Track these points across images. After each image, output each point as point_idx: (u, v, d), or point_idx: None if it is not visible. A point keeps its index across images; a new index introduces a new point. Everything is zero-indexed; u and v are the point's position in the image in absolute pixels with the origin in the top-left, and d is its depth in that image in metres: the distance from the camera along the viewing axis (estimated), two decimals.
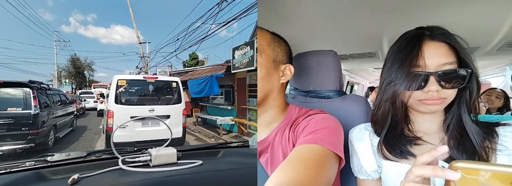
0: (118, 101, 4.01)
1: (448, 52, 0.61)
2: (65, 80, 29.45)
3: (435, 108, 0.62)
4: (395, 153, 0.66)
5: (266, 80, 0.72)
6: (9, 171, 0.80)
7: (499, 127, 0.63)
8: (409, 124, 0.71)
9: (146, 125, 4.17)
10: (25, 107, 3.91)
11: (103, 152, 0.97)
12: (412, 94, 0.63)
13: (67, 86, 28.94)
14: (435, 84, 0.60)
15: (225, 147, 1.18)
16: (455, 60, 0.61)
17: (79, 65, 32.14)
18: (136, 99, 4.26)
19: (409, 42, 0.65)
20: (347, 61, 1.93)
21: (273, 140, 0.75)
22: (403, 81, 0.63)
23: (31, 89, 4.05)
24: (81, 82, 33.21)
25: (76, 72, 31.79)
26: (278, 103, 0.77)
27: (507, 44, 1.35)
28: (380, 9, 0.97)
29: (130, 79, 4.24)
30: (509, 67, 2.56)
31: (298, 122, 0.74)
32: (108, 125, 3.94)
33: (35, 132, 3.93)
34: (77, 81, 32.52)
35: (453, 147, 0.62)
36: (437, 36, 0.63)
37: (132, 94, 4.28)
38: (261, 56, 0.72)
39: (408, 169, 0.64)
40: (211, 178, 0.80)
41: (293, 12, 1.03)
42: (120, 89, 4.08)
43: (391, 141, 0.68)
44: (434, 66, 0.61)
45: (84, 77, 33.67)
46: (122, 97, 4.10)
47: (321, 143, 0.61)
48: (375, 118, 0.73)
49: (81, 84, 33.13)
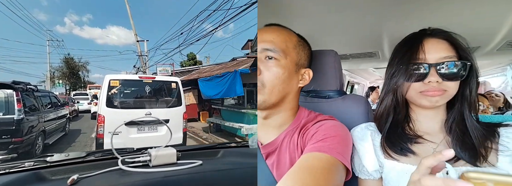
0: (110, 104, 3.51)
1: (448, 48, 0.64)
2: (59, 81, 28.17)
3: (436, 100, 0.63)
4: (395, 150, 0.66)
5: (286, 82, 0.70)
6: (9, 171, 0.80)
7: (501, 128, 0.63)
8: (411, 123, 0.71)
9: (142, 131, 3.70)
10: (7, 111, 3.40)
11: (102, 153, 0.97)
12: (413, 85, 0.65)
13: (60, 87, 27.95)
14: (436, 75, 0.62)
15: (224, 147, 1.18)
16: (455, 55, 0.64)
17: (73, 65, 31.00)
18: (130, 102, 3.78)
19: (411, 39, 0.69)
20: (347, 61, 1.92)
21: (281, 143, 0.74)
22: (404, 73, 0.65)
23: (15, 90, 3.56)
24: (75, 83, 32.19)
25: (70, 73, 30.65)
26: (291, 106, 0.76)
27: (507, 44, 1.35)
28: (380, 9, 0.97)
29: (124, 79, 3.76)
30: (509, 67, 2.56)
31: (308, 128, 0.72)
32: (98, 132, 3.40)
33: (18, 140, 3.41)
34: (71, 82, 31.44)
35: (456, 145, 0.63)
36: (437, 34, 0.67)
37: (126, 96, 3.80)
38: (286, 58, 0.70)
39: (409, 169, 0.64)
40: (210, 178, 0.80)
41: (293, 12, 1.03)
42: (113, 91, 3.59)
43: (393, 138, 0.68)
44: (434, 59, 0.63)
45: (78, 78, 32.64)
46: (115, 100, 3.60)
47: (329, 152, 0.60)
48: (378, 113, 0.73)
49: (75, 85, 32.04)
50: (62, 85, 28.73)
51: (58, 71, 30.15)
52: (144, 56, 13.18)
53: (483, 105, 2.02)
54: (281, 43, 0.70)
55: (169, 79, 4.23)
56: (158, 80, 4.06)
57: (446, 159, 0.37)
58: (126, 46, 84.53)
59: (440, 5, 0.91)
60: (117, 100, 3.64)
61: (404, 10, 0.96)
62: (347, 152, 0.64)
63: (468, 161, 0.60)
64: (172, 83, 4.13)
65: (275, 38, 0.71)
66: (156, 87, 4.00)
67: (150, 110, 3.74)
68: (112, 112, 3.48)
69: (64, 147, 5.14)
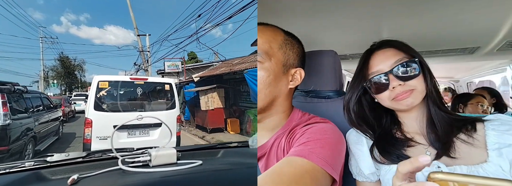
0: (98, 107, 3.29)
1: (395, 53, 0.69)
2: (53, 81, 26.68)
3: (409, 101, 0.66)
4: (386, 156, 0.67)
5: (273, 85, 0.67)
6: (9, 171, 0.80)
7: (486, 122, 0.64)
8: (399, 127, 0.73)
9: (132, 135, 3.48)
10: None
11: (102, 153, 0.97)
12: (383, 95, 0.69)
13: (55, 88, 26.70)
14: (395, 80, 0.66)
15: (224, 147, 1.18)
16: (404, 56, 0.68)
17: (68, 65, 29.60)
18: (121, 105, 3.51)
19: (362, 58, 0.74)
20: (347, 61, 1.93)
21: (270, 147, 0.72)
22: (366, 88, 0.71)
23: (1, 92, 3.15)
24: (71, 83, 30.92)
25: (65, 72, 29.25)
26: (283, 109, 0.72)
27: (507, 44, 1.35)
28: (380, 9, 0.97)
29: (113, 81, 3.50)
30: (509, 67, 2.55)
31: (295, 131, 0.69)
32: (85, 137, 3.16)
33: (4, 149, 3.01)
34: (67, 82, 30.05)
35: (430, 139, 0.66)
36: (382, 45, 0.72)
37: (116, 98, 3.53)
38: (269, 60, 0.66)
39: None
40: (210, 178, 0.80)
41: (293, 12, 1.03)
42: (101, 93, 3.36)
43: (385, 146, 0.69)
44: (388, 66, 0.68)
45: (75, 78, 31.24)
46: (104, 103, 3.38)
47: (308, 156, 0.55)
48: (358, 128, 0.76)
49: (71, 86, 30.77)
50: (57, 86, 27.50)
51: (53, 70, 28.98)
52: (146, 52, 11.67)
53: (484, 105, 2.01)
54: (263, 44, 0.66)
55: (162, 81, 4.05)
56: (150, 81, 3.88)
57: (422, 165, 0.36)
58: (122, 51, 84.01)
59: (440, 5, 0.91)
60: (106, 102, 3.42)
61: (403, 10, 0.96)
62: (331, 157, 0.58)
63: (443, 152, 0.61)
64: (165, 85, 3.95)
65: (258, 39, 0.67)
66: (148, 89, 3.84)
67: (141, 113, 3.58)
68: (101, 116, 3.28)
69: (57, 153, 4.73)
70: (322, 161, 0.55)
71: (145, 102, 3.75)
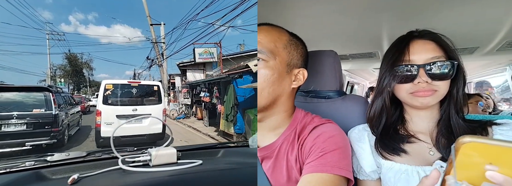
0: (105, 102, 4.82)
1: (435, 48, 0.65)
2: (60, 79, 25.91)
3: (427, 101, 0.64)
4: (388, 150, 0.67)
5: (276, 84, 0.68)
6: (9, 171, 0.80)
7: (494, 126, 0.63)
8: (405, 124, 0.72)
9: (130, 122, 4.72)
10: (47, 108, 4.60)
11: (103, 152, 0.97)
12: (403, 87, 0.66)
13: (63, 87, 25.43)
14: (425, 76, 0.63)
15: (224, 147, 1.18)
16: (442, 55, 0.65)
17: (76, 63, 28.74)
18: (121, 101, 5.01)
19: (399, 41, 0.70)
20: (347, 61, 1.93)
21: (279, 149, 0.72)
22: (393, 75, 0.67)
23: (51, 92, 4.75)
24: (79, 82, 30.06)
25: (73, 71, 28.54)
26: (285, 108, 0.73)
27: (507, 44, 1.35)
28: (380, 10, 0.97)
29: (116, 83, 5.08)
30: (509, 67, 2.56)
31: (304, 136, 0.70)
32: (96, 122, 4.78)
33: (56, 130, 4.61)
34: (74, 81, 29.26)
35: (440, 143, 0.64)
36: (424, 35, 0.68)
37: (118, 96, 5.01)
38: (274, 59, 0.67)
39: (405, 169, 0.65)
40: (211, 178, 0.80)
41: (293, 12, 1.03)
42: (107, 92, 4.87)
43: (386, 139, 0.69)
44: (422, 60, 0.64)
45: (82, 77, 30.48)
46: (109, 99, 4.88)
47: (331, 170, 0.60)
48: (370, 115, 0.74)
49: (79, 85, 29.80)
50: (65, 84, 26.29)
51: (60, 69, 28.31)
52: (161, 43, 9.85)
53: (483, 103, 2.02)
54: (268, 43, 0.68)
55: (151, 83, 5.58)
56: (142, 84, 5.42)
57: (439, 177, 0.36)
58: (132, 45, 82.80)
59: (440, 5, 0.91)
60: (111, 99, 4.92)
61: (403, 10, 0.97)
62: (348, 163, 0.64)
63: None
64: (154, 86, 5.41)
65: (263, 38, 0.68)
66: (141, 89, 5.27)
67: (136, 107, 5.02)
68: (107, 108, 4.79)
69: (82, 138, 6.19)
70: (343, 171, 0.61)
71: (139, 99, 5.24)
